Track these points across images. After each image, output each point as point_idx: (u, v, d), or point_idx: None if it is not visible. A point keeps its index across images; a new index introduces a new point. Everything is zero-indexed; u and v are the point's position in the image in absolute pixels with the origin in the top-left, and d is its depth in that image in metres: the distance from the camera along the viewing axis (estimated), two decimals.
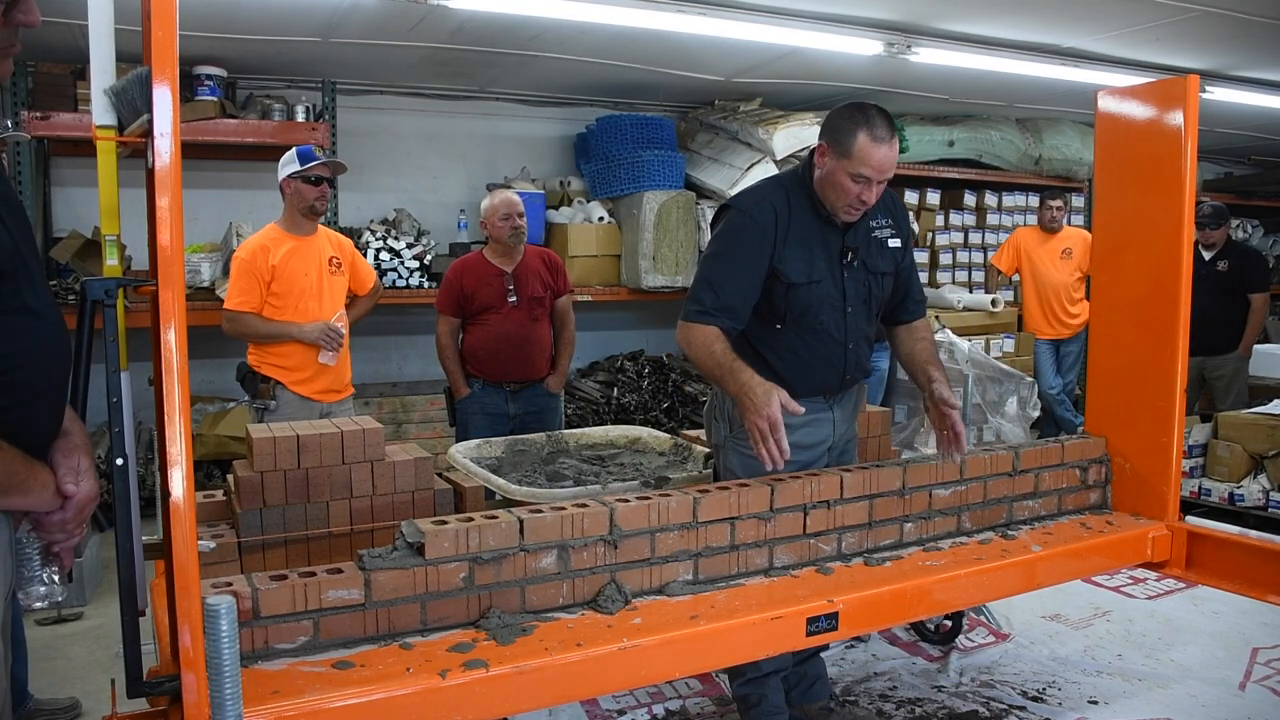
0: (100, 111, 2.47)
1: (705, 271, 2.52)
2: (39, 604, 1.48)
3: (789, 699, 2.79)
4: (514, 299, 3.97)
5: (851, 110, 2.42)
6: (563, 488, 2.65)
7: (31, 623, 3.69)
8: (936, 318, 6.23)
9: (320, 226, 3.91)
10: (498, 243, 4.00)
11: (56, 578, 1.49)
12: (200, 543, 1.65)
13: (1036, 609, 3.78)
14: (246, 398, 3.90)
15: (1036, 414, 6.17)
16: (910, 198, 7.07)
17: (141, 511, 1.93)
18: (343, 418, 3.92)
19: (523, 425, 3.95)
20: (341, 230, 5.48)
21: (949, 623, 3.49)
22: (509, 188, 5.36)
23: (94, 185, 2.51)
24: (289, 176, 3.69)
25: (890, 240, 2.62)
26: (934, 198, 7.23)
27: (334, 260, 3.86)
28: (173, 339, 1.51)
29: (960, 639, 3.50)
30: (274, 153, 5.10)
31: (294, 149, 3.75)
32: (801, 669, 2.81)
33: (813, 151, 2.52)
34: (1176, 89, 2.79)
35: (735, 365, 2.36)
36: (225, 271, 5.10)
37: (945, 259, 7.20)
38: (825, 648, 2.89)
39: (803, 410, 2.35)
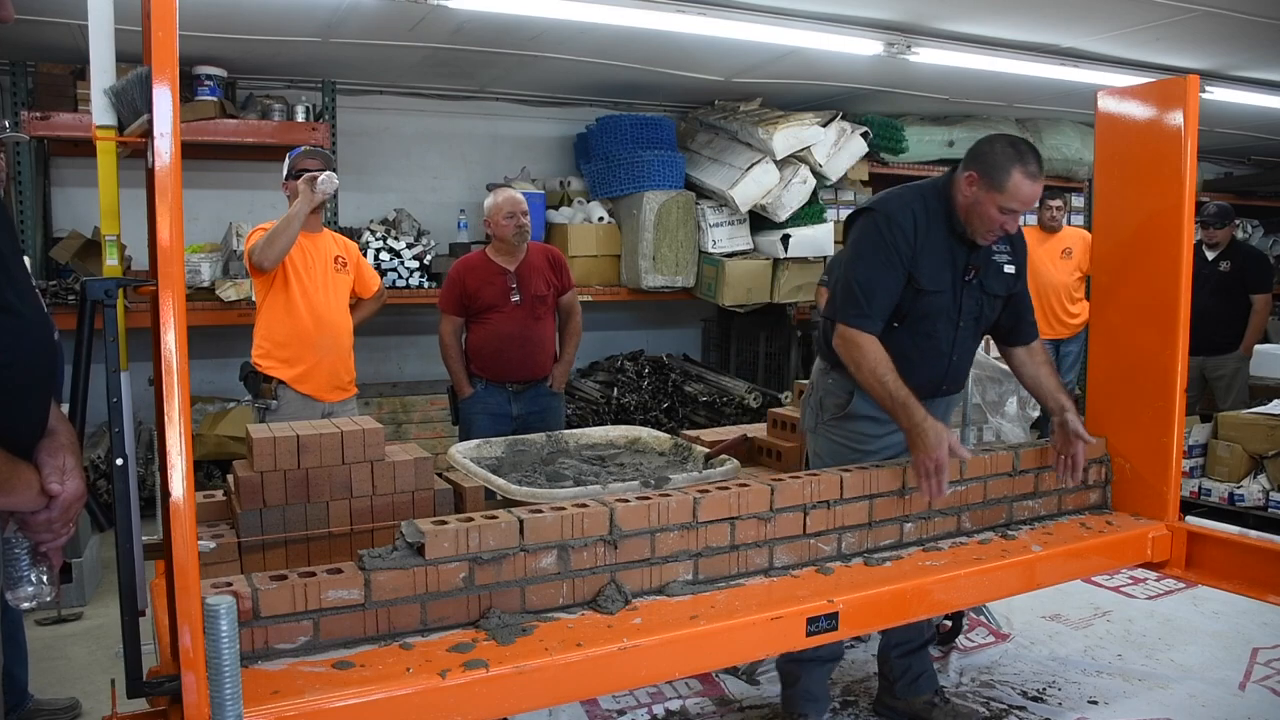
0: (100, 111, 2.47)
1: (856, 275, 2.57)
2: (27, 604, 1.48)
3: (895, 691, 2.91)
4: (517, 298, 3.95)
5: (1004, 145, 2.53)
6: (563, 488, 2.65)
7: (31, 623, 3.69)
8: None
9: (326, 229, 4.00)
10: (501, 241, 3.98)
11: (45, 577, 1.48)
12: (200, 543, 1.65)
13: (1036, 609, 3.78)
14: (248, 397, 3.88)
15: (1036, 414, 6.16)
16: None
17: (141, 511, 1.93)
18: (343, 418, 3.96)
19: (525, 425, 3.92)
20: (341, 230, 5.49)
21: (949, 623, 3.49)
22: (509, 187, 5.35)
23: (94, 185, 2.52)
24: (287, 179, 3.81)
25: (1006, 266, 2.74)
26: None
27: (339, 259, 3.88)
28: (173, 339, 1.51)
29: (960, 639, 3.50)
30: (274, 153, 5.13)
31: (290, 153, 3.88)
32: (906, 662, 2.88)
33: (955, 166, 2.63)
34: (1176, 89, 2.78)
35: (910, 402, 2.45)
36: (225, 272, 5.11)
37: None
38: (931, 641, 3.01)
39: (970, 457, 2.55)
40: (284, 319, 3.70)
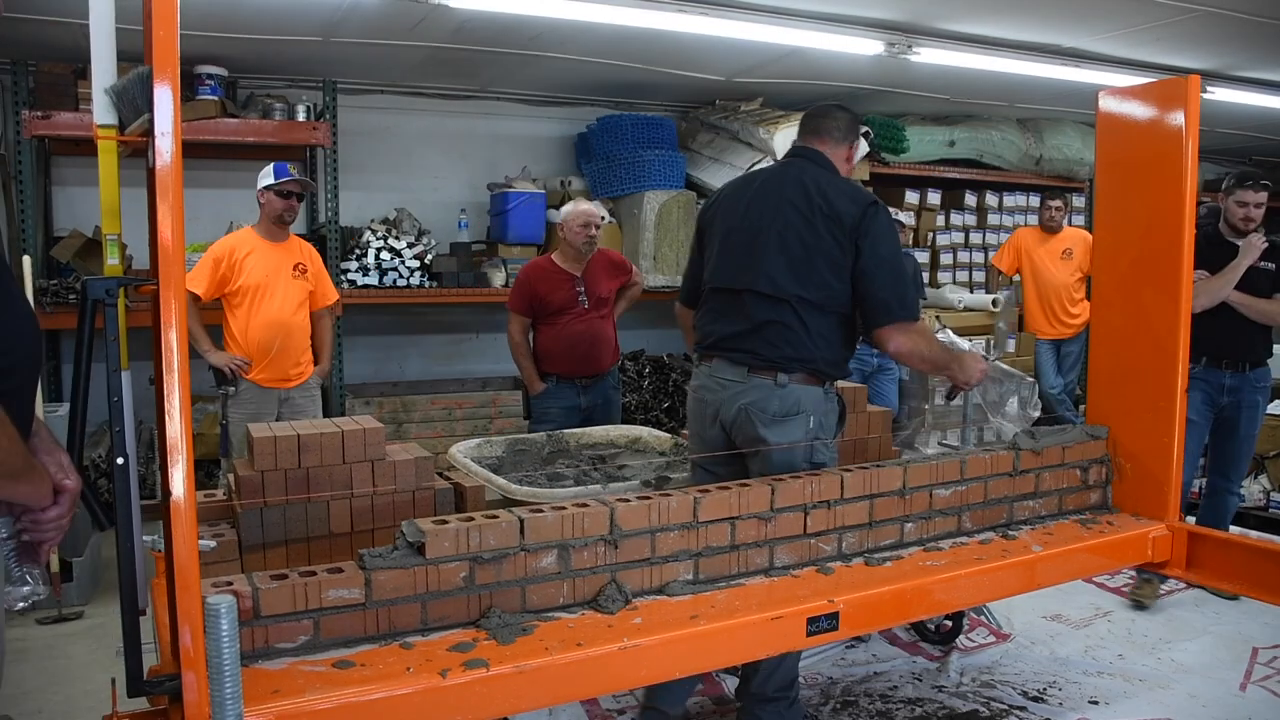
0: (101, 111, 2.47)
1: (905, 270, 2.58)
2: (22, 604, 1.47)
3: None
4: (584, 301, 4.27)
5: (846, 113, 2.73)
6: (563, 487, 2.65)
7: (32, 622, 3.70)
8: (937, 318, 6.23)
9: (295, 237, 4.36)
10: (570, 248, 4.26)
11: (36, 574, 1.48)
12: (201, 542, 1.65)
13: (1037, 609, 3.78)
14: (213, 384, 4.19)
15: (1037, 414, 6.16)
16: (911, 198, 7.08)
17: (142, 511, 1.93)
18: (306, 400, 4.25)
19: (590, 417, 4.28)
20: (342, 230, 5.50)
21: (949, 623, 3.49)
22: (584, 199, 5.36)
23: (95, 184, 2.52)
24: (264, 188, 4.09)
25: None
26: (934, 198, 7.23)
27: (299, 266, 4.24)
28: (173, 338, 1.51)
29: (961, 639, 3.50)
30: (275, 152, 5.14)
31: (271, 164, 4.13)
32: (756, 714, 2.72)
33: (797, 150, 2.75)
34: (1177, 89, 2.78)
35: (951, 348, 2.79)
36: None
37: (946, 259, 7.20)
38: (794, 700, 2.73)
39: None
40: (243, 327, 4.11)
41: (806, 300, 2.53)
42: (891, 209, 6.44)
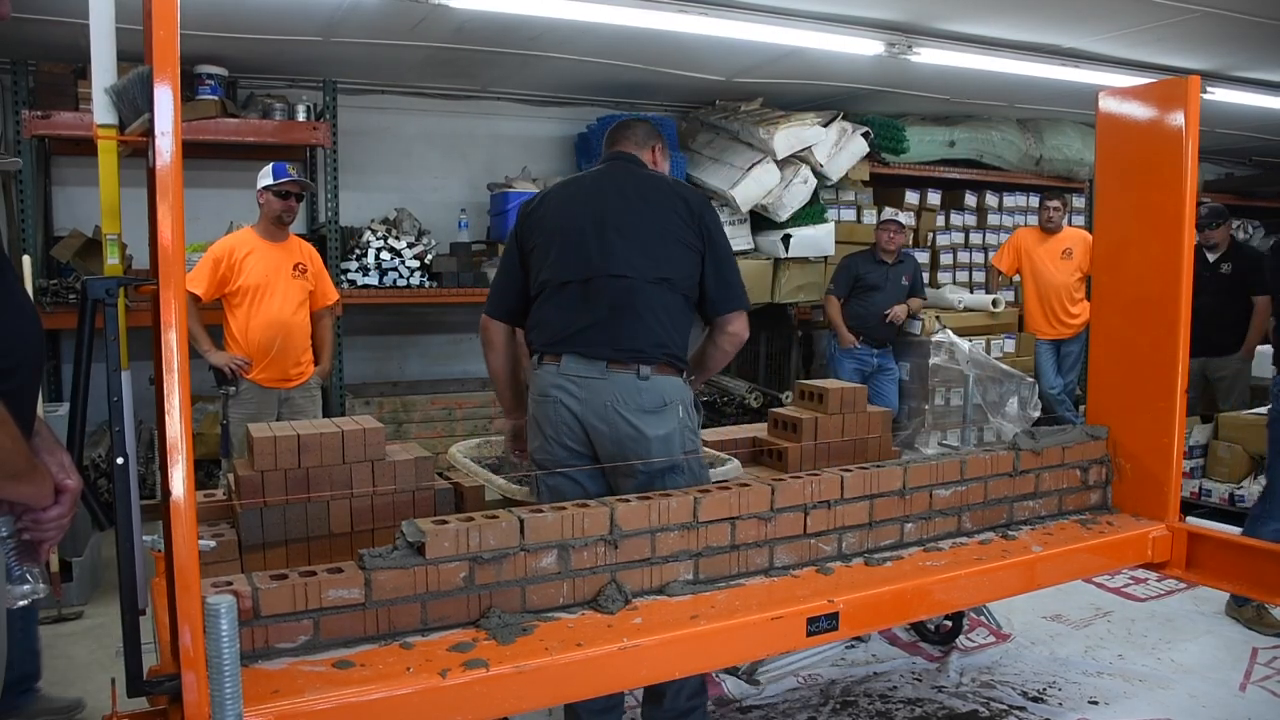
0: (101, 110, 2.47)
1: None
2: (23, 602, 1.48)
3: None
4: None
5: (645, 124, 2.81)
6: None
7: None
8: (937, 318, 6.23)
9: (294, 237, 4.37)
10: None
11: (36, 573, 1.48)
12: (200, 542, 1.64)
13: (1037, 609, 3.78)
14: (214, 384, 4.20)
15: (1037, 414, 6.17)
16: (911, 198, 7.08)
17: (141, 511, 1.93)
18: (306, 400, 4.27)
19: None
20: (342, 230, 5.50)
21: (949, 623, 3.49)
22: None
23: (95, 184, 2.51)
24: (263, 188, 4.11)
25: None
26: (934, 198, 7.23)
27: (299, 266, 4.25)
28: (173, 338, 1.51)
29: (960, 639, 3.50)
30: (275, 153, 5.13)
31: (270, 165, 4.14)
32: None
33: (620, 156, 2.76)
34: (1177, 89, 2.78)
35: None
36: None
37: (946, 259, 7.20)
38: None
39: None
40: (243, 327, 4.12)
41: (663, 279, 2.50)
42: (891, 209, 6.50)
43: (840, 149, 6.17)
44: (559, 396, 2.48)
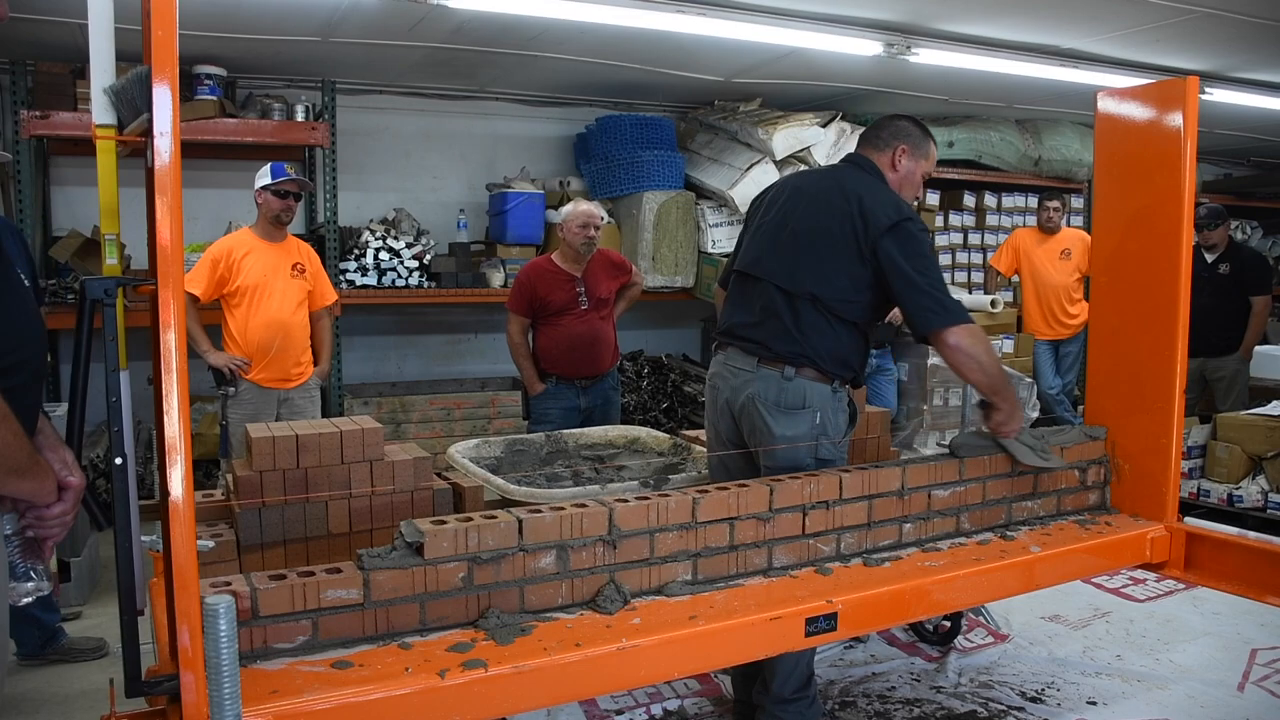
0: (100, 110, 2.46)
1: (938, 276, 2.57)
2: (27, 599, 1.48)
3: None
4: (584, 302, 4.28)
5: (910, 121, 2.75)
6: (562, 488, 2.65)
7: None
8: None
9: (293, 237, 4.36)
10: (570, 248, 4.27)
11: (40, 570, 1.49)
12: (199, 542, 1.64)
13: (1036, 610, 3.78)
14: (212, 384, 4.21)
15: (1036, 415, 6.17)
16: None
17: (140, 511, 1.93)
18: (306, 401, 4.27)
19: (589, 418, 4.30)
20: (340, 230, 5.50)
21: (948, 623, 3.49)
22: (584, 199, 5.36)
23: (93, 184, 2.51)
24: (261, 188, 4.10)
25: None
26: (933, 198, 7.22)
27: (297, 266, 4.25)
28: (172, 338, 1.51)
29: (959, 639, 3.50)
30: (274, 153, 5.13)
31: (269, 164, 4.13)
32: None
33: (853, 157, 2.76)
34: (1176, 90, 2.79)
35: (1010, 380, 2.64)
36: None
37: (945, 260, 7.20)
38: None
39: None
40: (242, 327, 4.11)
41: (820, 299, 2.55)
42: None
43: (839, 149, 6.17)
44: (717, 384, 2.72)
